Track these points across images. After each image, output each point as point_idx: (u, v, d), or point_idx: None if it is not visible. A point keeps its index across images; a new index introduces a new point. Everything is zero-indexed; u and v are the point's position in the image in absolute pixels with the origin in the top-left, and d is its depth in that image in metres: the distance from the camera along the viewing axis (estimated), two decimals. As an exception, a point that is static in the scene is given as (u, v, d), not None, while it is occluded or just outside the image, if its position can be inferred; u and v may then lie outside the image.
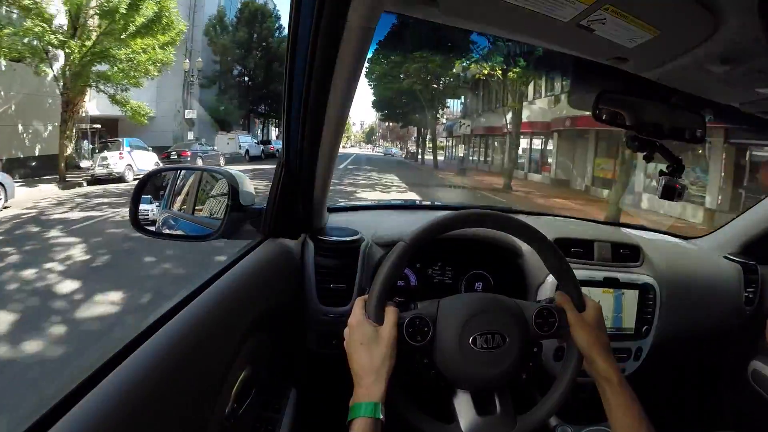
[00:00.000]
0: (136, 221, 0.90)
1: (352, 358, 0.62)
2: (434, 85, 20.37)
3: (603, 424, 1.04)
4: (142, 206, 0.93)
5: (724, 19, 0.45)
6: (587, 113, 0.76)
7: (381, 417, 0.57)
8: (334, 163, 0.92)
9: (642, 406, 0.64)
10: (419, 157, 26.72)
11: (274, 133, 30.03)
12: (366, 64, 0.68)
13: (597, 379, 0.67)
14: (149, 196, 0.96)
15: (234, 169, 0.95)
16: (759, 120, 0.78)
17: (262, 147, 20.91)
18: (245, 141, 19.60)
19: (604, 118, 0.74)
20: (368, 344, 0.61)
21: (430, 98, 20.96)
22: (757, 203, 1.31)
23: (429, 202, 1.59)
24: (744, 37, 0.48)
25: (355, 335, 0.62)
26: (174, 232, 1.21)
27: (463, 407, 0.66)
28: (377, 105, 26.90)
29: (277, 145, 21.21)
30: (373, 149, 53.54)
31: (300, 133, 0.79)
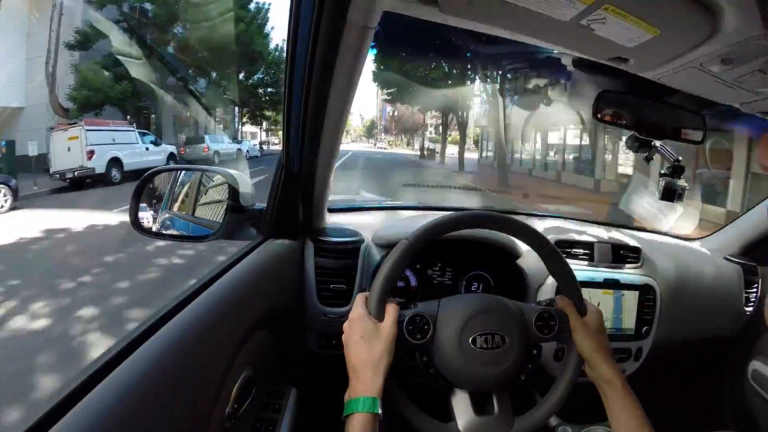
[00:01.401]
0: (137, 222, 0.90)
1: (351, 351, 0.62)
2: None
3: (603, 424, 1.04)
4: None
5: (724, 19, 0.45)
6: None
7: (378, 412, 0.57)
8: (335, 164, 0.92)
9: (644, 409, 0.64)
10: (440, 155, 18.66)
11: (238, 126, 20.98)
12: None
13: (599, 383, 0.67)
14: (144, 204, 0.96)
15: (234, 170, 0.95)
16: (759, 120, 0.78)
17: (171, 150, 11.88)
18: (106, 141, 9.48)
19: (604, 118, 0.74)
20: (368, 339, 0.61)
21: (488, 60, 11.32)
22: (757, 204, 1.31)
23: (429, 204, 1.59)
24: (744, 37, 0.48)
25: (355, 329, 0.62)
26: (174, 233, 1.21)
27: (461, 407, 0.66)
28: (382, 78, 16.62)
29: (217, 145, 14.06)
30: (375, 144, 43.56)
31: (300, 133, 0.79)
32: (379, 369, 0.59)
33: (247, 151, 16.94)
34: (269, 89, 20.69)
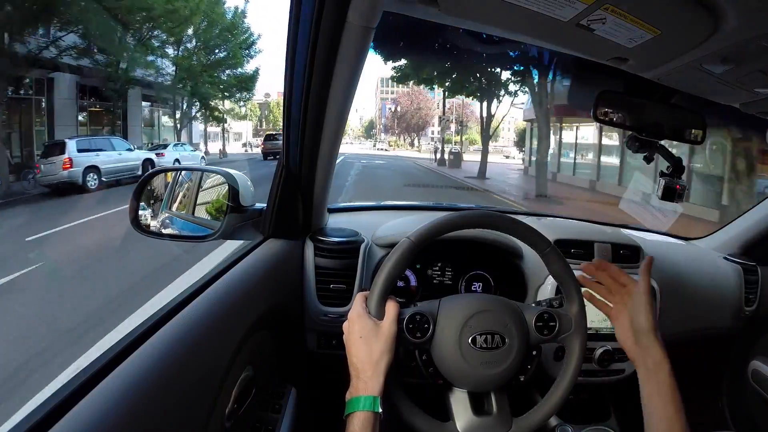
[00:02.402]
0: (136, 221, 0.91)
1: (351, 351, 0.62)
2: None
3: (603, 424, 1.04)
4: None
5: (724, 19, 0.45)
6: None
7: (379, 411, 0.57)
8: (334, 164, 0.92)
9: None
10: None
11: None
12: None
13: (645, 364, 0.67)
14: (143, 203, 0.96)
15: (234, 170, 0.95)
16: (759, 120, 0.78)
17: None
18: None
19: (604, 118, 0.74)
20: (367, 338, 0.61)
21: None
22: (757, 204, 1.31)
23: (429, 203, 1.58)
24: (744, 37, 0.48)
25: (355, 328, 0.62)
26: (174, 233, 1.21)
27: (460, 406, 0.66)
28: (386, 49, 10.89)
29: (94, 157, 8.71)
30: (374, 146, 37.70)
31: (300, 133, 0.79)
32: (379, 368, 0.60)
33: (176, 161, 11.07)
34: (226, 71, 14.87)
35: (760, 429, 1.19)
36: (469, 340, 0.64)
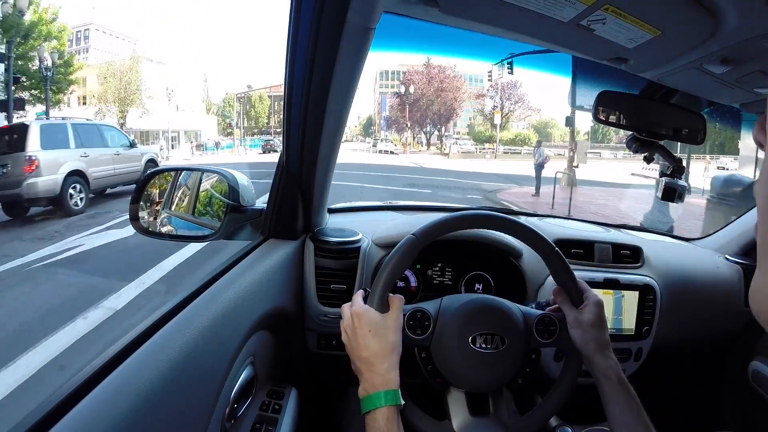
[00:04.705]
0: (137, 222, 0.91)
1: (361, 345, 0.60)
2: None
3: (603, 424, 1.04)
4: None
5: (724, 19, 0.45)
6: None
7: (402, 403, 0.56)
8: (334, 164, 0.92)
9: (641, 404, 0.64)
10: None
11: None
12: None
13: (596, 377, 0.67)
14: (143, 204, 0.96)
15: (234, 170, 0.95)
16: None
17: None
18: None
19: (604, 118, 0.74)
20: (377, 330, 0.60)
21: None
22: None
23: (430, 204, 1.58)
24: (744, 37, 0.48)
25: (363, 322, 0.61)
26: (174, 233, 1.21)
27: (457, 406, 0.66)
28: None
29: None
30: (375, 146, 29.01)
31: (300, 133, 0.79)
32: (393, 359, 0.59)
33: None
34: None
35: (760, 429, 1.19)
36: (469, 340, 0.64)
